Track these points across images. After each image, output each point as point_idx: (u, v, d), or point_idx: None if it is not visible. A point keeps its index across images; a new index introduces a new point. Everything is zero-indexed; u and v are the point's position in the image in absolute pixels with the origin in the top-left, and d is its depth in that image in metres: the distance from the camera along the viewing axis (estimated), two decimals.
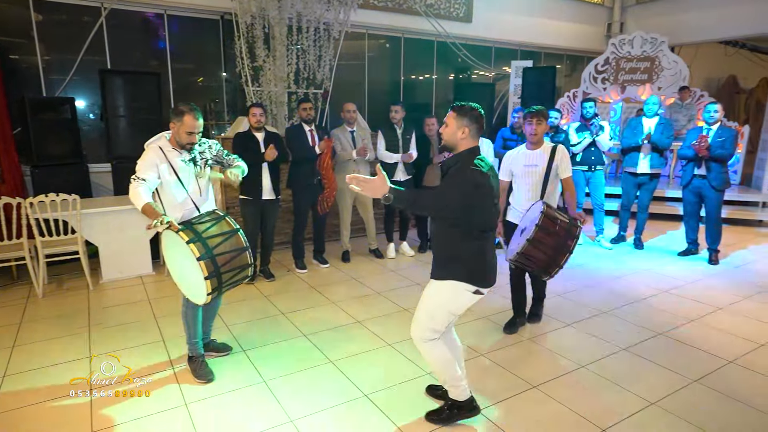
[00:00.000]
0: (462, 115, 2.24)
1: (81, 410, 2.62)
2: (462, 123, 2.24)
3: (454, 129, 2.26)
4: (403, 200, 2.17)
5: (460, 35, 7.75)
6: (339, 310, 3.98)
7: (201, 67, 6.63)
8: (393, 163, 5.06)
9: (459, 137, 2.25)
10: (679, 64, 8.21)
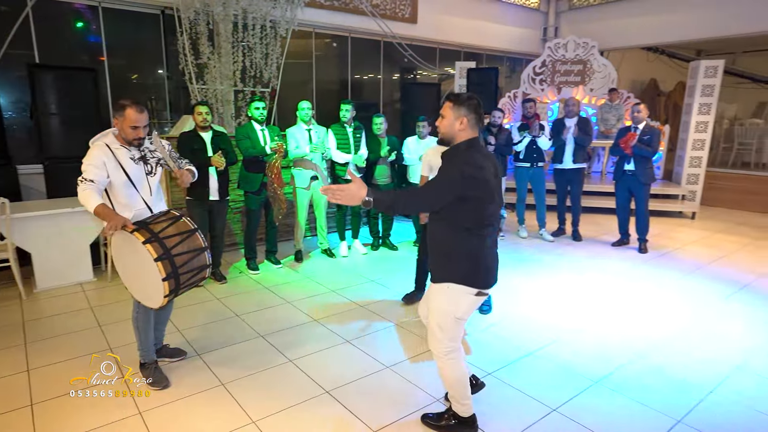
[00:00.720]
0: (460, 105, 2.12)
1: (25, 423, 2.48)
2: (460, 113, 2.11)
3: (451, 120, 2.13)
4: (384, 202, 2.02)
5: (406, 36, 7.89)
6: (295, 310, 3.97)
7: (140, 64, 6.35)
8: (344, 163, 5.10)
9: (457, 128, 2.13)
10: (608, 67, 8.78)
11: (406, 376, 2.98)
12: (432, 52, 8.54)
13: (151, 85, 6.47)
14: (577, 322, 3.74)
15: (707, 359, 3.19)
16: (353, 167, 5.07)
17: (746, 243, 6.05)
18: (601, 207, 7.48)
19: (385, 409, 2.65)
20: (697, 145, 7.67)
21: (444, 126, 2.17)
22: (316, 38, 7.17)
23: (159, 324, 3.07)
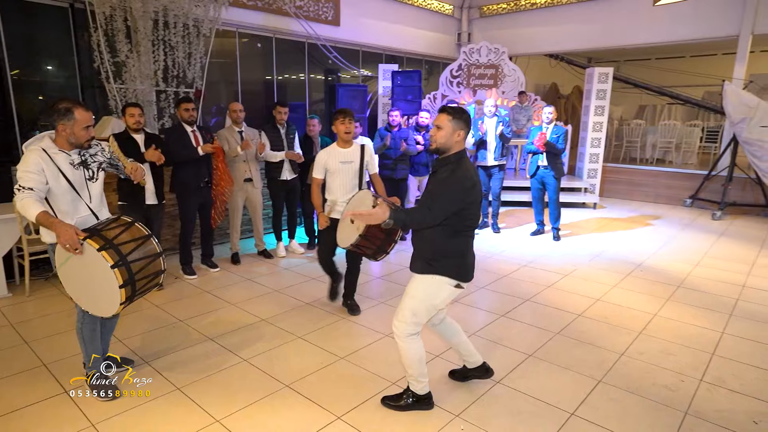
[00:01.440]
0: (459, 118, 2.32)
1: None
2: (459, 126, 2.32)
3: (450, 131, 2.31)
4: (401, 220, 2.25)
5: (330, 38, 8.00)
6: (240, 311, 3.96)
7: (47, 61, 5.86)
8: (279, 163, 5.13)
9: (454, 140, 2.33)
10: (517, 71, 9.52)
11: (362, 365, 3.14)
12: (355, 54, 8.73)
13: (61, 85, 6.00)
14: (508, 303, 4.13)
15: (617, 327, 3.69)
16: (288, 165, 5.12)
17: (637, 228, 6.93)
18: (517, 200, 8.12)
19: (346, 396, 2.78)
20: (594, 143, 8.60)
21: (442, 136, 2.34)
22: (240, 38, 7.05)
23: (105, 334, 2.95)
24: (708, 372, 3.05)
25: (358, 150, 3.73)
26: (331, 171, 3.69)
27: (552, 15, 9.82)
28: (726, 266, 5.16)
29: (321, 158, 3.69)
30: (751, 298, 4.28)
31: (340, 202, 3.70)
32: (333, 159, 3.67)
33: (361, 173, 3.72)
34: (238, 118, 4.83)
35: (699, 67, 13.40)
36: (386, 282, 4.71)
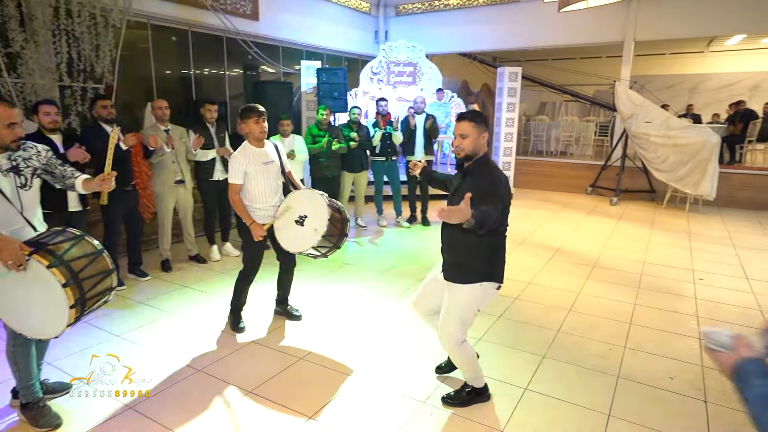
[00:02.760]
0: (480, 122, 2.38)
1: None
2: (481, 129, 2.37)
3: (476, 136, 2.36)
4: (479, 219, 2.09)
5: (249, 33, 7.75)
6: (182, 320, 3.78)
7: None
8: (210, 163, 4.92)
9: (481, 143, 2.39)
10: (434, 69, 9.90)
11: (322, 363, 3.16)
12: (275, 50, 8.53)
13: None
14: None
15: (550, 306, 4.06)
16: (220, 165, 4.92)
17: (551, 215, 7.57)
18: (442, 194, 8.46)
19: (313, 396, 2.80)
20: (507, 138, 9.21)
21: (469, 143, 2.37)
22: (153, 31, 6.59)
23: (38, 357, 2.68)
24: (629, 339, 3.48)
25: (273, 148, 3.48)
26: (252, 174, 3.32)
27: (464, 16, 10.32)
28: (628, 246, 5.84)
29: (239, 161, 3.27)
30: (651, 273, 4.91)
31: (266, 207, 3.41)
32: (254, 160, 3.32)
33: (284, 172, 3.53)
34: (163, 115, 4.55)
35: (588, 67, 14.82)
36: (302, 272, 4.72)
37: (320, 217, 3.17)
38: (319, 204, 3.22)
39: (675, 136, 7.56)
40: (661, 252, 5.61)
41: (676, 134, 7.59)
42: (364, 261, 5.30)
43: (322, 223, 3.14)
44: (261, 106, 3.38)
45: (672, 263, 5.20)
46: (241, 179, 3.32)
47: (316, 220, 3.20)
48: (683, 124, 8.02)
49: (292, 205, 3.33)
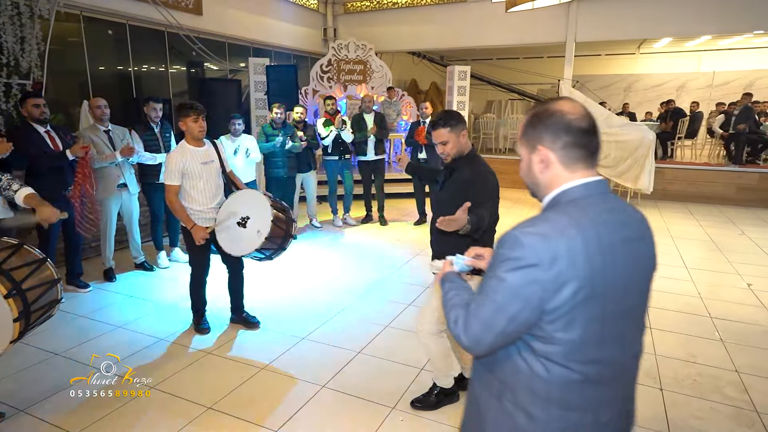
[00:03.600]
0: (454, 123, 2.31)
1: None
2: (458, 129, 2.32)
3: (456, 139, 2.31)
4: (474, 224, 2.07)
5: (192, 27, 7.39)
6: (130, 332, 3.53)
7: None
8: (156, 165, 4.64)
9: (463, 142, 2.34)
10: (384, 68, 9.88)
11: (285, 371, 3.05)
12: (221, 46, 8.20)
13: None
14: (412, 292, 4.33)
15: None
16: None
17: (503, 212, 7.72)
18: (398, 192, 8.46)
19: (277, 408, 2.69)
20: None
21: (452, 147, 2.33)
22: (87, 23, 6.13)
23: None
24: None
25: (212, 147, 3.33)
26: (190, 175, 3.18)
27: (412, 15, 10.36)
28: None
29: (176, 161, 3.13)
30: None
31: (206, 210, 3.28)
32: (192, 161, 3.18)
33: (224, 172, 3.39)
34: (102, 115, 4.23)
35: (531, 67, 15.35)
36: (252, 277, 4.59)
37: (263, 218, 3.05)
38: (261, 205, 3.11)
39: (615, 134, 7.94)
40: None
41: (617, 131, 7.97)
42: (322, 262, 5.19)
43: (266, 224, 3.01)
44: (199, 104, 3.23)
45: None
46: (178, 180, 3.17)
47: (259, 222, 3.06)
48: (623, 122, 8.44)
49: (233, 207, 3.21)
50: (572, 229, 1.05)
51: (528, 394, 1.11)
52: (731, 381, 2.99)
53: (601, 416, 1.12)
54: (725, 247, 5.81)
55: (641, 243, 1.15)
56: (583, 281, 1.02)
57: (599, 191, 1.12)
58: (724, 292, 4.43)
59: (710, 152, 10.56)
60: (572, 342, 1.05)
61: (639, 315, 1.16)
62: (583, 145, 1.11)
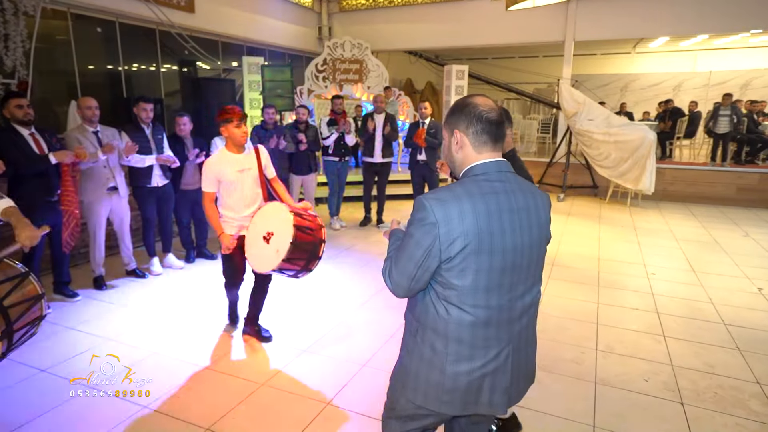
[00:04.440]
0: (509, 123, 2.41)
1: None
2: (509, 128, 2.37)
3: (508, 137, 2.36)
4: None
5: (184, 26, 7.19)
6: (123, 346, 3.34)
7: None
8: (148, 168, 4.45)
9: (507, 141, 2.33)
10: (380, 67, 9.71)
11: (286, 387, 2.88)
12: (214, 44, 8.00)
13: None
14: None
15: None
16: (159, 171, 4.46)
17: None
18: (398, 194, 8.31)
19: (282, 427, 2.52)
20: None
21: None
22: (75, 21, 5.92)
23: None
24: (599, 341, 3.46)
25: (253, 153, 3.23)
26: (226, 182, 3.11)
27: (409, 13, 10.22)
28: (580, 242, 5.95)
29: (212, 168, 3.07)
30: (607, 269, 4.99)
31: (240, 218, 3.19)
32: (228, 168, 3.09)
33: (262, 180, 3.26)
34: (92, 116, 4.03)
35: (527, 66, 15.28)
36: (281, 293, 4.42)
37: (284, 238, 2.80)
38: (286, 223, 2.84)
39: (616, 134, 7.84)
40: (613, 247, 5.76)
41: (617, 131, 7.87)
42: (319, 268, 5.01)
43: (284, 244, 2.76)
44: (239, 109, 3.13)
45: (624, 258, 5.33)
46: (213, 187, 3.12)
47: (280, 241, 2.83)
48: (623, 122, 8.34)
49: (261, 219, 3.01)
50: (464, 197, 1.34)
51: (433, 331, 1.43)
52: (754, 394, 2.86)
53: (489, 353, 1.41)
54: (731, 250, 5.72)
55: (530, 213, 1.41)
56: (470, 238, 1.32)
57: (496, 170, 1.41)
58: (734, 297, 4.32)
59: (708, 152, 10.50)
60: (464, 288, 1.36)
61: (527, 271, 1.43)
62: (490, 133, 1.40)
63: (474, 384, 1.42)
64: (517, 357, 1.46)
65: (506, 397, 1.45)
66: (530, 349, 1.54)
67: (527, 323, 1.48)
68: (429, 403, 1.46)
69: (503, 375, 1.44)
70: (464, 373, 1.41)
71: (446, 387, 1.42)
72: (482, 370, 1.41)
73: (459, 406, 1.44)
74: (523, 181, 1.47)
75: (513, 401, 1.50)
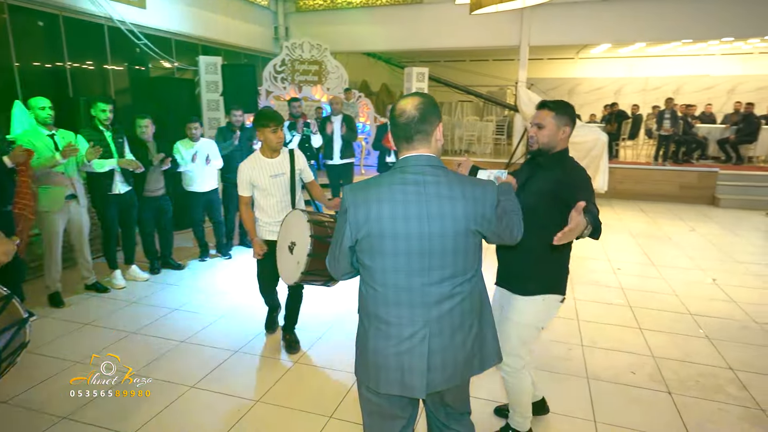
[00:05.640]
0: (562, 114, 2.07)
1: None
2: (563, 122, 2.06)
3: (554, 129, 2.06)
4: (593, 222, 1.77)
5: (135, 22, 6.78)
6: (93, 369, 3.07)
7: None
8: (109, 174, 4.15)
9: (560, 137, 2.07)
10: (340, 68, 9.61)
11: (283, 403, 2.75)
12: (167, 43, 7.60)
13: None
14: None
15: None
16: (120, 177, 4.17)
17: None
18: None
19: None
20: None
21: (545, 135, 2.08)
22: (12, 14, 5.40)
23: None
24: (583, 337, 3.57)
25: (287, 158, 3.14)
26: (260, 188, 3.10)
27: (368, 15, 10.19)
28: None
29: (244, 173, 3.09)
30: (576, 266, 5.13)
31: (274, 223, 3.13)
32: (260, 173, 3.08)
33: (294, 185, 3.15)
34: (48, 118, 3.70)
35: (479, 69, 15.67)
36: None
37: (303, 248, 2.62)
38: (304, 233, 2.64)
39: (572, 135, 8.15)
40: (576, 244, 5.93)
41: (573, 133, 8.19)
42: None
43: (303, 257, 2.58)
44: (275, 113, 3.10)
45: (589, 255, 5.54)
46: (247, 191, 3.16)
47: (300, 252, 2.65)
48: (578, 124, 8.68)
49: (287, 228, 2.87)
50: (373, 187, 1.50)
51: (362, 309, 1.60)
52: (730, 379, 3.04)
53: (403, 331, 1.50)
54: (682, 244, 6.09)
55: (443, 203, 1.47)
56: (370, 223, 1.47)
57: (412, 164, 1.51)
58: (694, 289, 4.59)
59: (648, 152, 11.17)
60: (373, 268, 1.51)
61: (442, 259, 1.49)
62: (397, 132, 1.54)
63: (391, 361, 1.51)
64: (439, 342, 1.51)
65: (424, 380, 1.49)
66: (461, 336, 1.54)
67: (450, 310, 1.51)
68: (368, 379, 1.56)
69: (419, 358, 1.49)
70: (381, 349, 1.51)
71: (370, 362, 1.54)
72: (397, 348, 1.50)
73: (384, 384, 1.52)
74: (459, 175, 1.54)
75: (438, 386, 1.52)
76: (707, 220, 7.48)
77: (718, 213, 8.01)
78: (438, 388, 1.53)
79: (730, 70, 13.83)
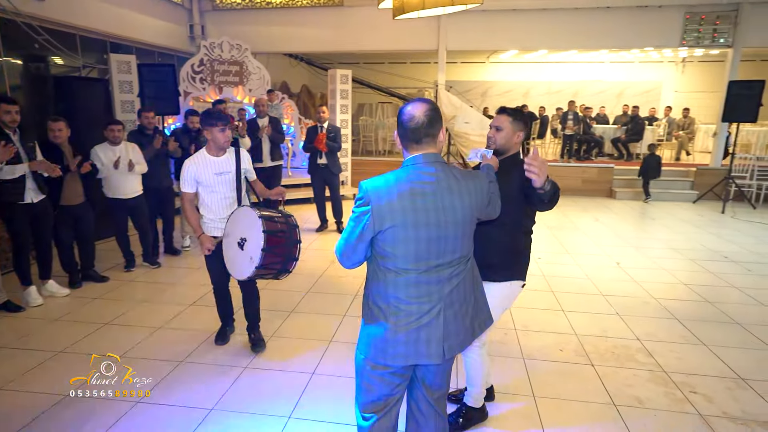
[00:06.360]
0: (518, 120, 2.32)
1: None
2: (518, 127, 2.31)
3: (510, 133, 2.31)
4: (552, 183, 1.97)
5: (32, 14, 6.19)
6: (23, 395, 2.83)
7: None
8: (19, 181, 3.80)
9: (514, 141, 2.32)
10: (262, 69, 9.44)
11: (240, 409, 2.73)
12: (70, 38, 7.00)
13: None
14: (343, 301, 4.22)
15: None
16: (32, 184, 3.83)
17: None
18: (296, 198, 8.16)
19: None
20: (344, 139, 9.34)
21: (502, 137, 2.33)
22: None
23: None
24: (516, 321, 3.88)
25: (233, 157, 3.19)
26: (204, 185, 3.14)
27: (287, 16, 10.09)
28: None
29: (189, 170, 3.10)
30: None
31: (218, 220, 3.19)
32: (205, 170, 3.11)
33: (239, 183, 3.19)
34: None
35: (397, 71, 16.06)
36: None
37: (256, 244, 2.76)
38: (257, 230, 2.76)
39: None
40: None
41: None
42: None
43: (257, 252, 2.73)
44: (222, 113, 3.14)
45: None
46: (191, 188, 3.15)
47: (252, 247, 2.78)
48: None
49: (234, 225, 2.99)
50: (392, 182, 1.65)
51: (377, 296, 1.74)
52: (639, 349, 3.48)
53: (423, 307, 1.70)
54: (589, 233, 6.77)
55: (454, 195, 1.69)
56: (394, 215, 1.62)
57: (423, 161, 1.68)
58: (602, 272, 5.15)
59: (555, 150, 12.19)
60: (396, 255, 1.67)
61: (454, 243, 1.71)
62: (408, 135, 1.69)
63: (412, 335, 1.69)
64: (451, 312, 1.73)
65: (441, 348, 1.71)
66: (464, 306, 1.78)
67: (458, 285, 1.75)
68: (384, 357, 1.71)
69: (436, 328, 1.70)
70: (403, 326, 1.69)
71: (389, 339, 1.70)
72: (418, 323, 1.69)
73: (402, 358, 1.71)
74: (458, 170, 1.77)
75: (455, 351, 1.76)
76: (607, 210, 8.35)
77: (615, 204, 8.97)
78: (456, 353, 1.77)
79: (618, 77, 15.42)
